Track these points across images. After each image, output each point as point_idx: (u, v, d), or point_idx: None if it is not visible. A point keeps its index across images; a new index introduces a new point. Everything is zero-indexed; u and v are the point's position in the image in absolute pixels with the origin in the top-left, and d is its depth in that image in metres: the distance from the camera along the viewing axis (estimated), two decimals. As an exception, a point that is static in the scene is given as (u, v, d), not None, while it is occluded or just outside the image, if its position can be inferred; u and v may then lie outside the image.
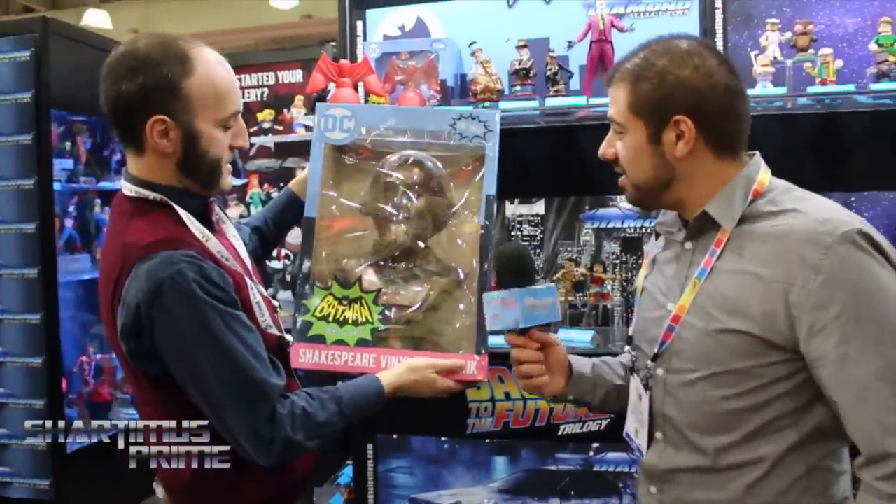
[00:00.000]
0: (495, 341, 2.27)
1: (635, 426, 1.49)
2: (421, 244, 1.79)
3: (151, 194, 1.47)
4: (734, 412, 1.30)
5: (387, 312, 1.74)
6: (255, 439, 1.40)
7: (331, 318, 1.74)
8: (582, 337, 2.37)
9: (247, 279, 1.53)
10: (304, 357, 1.71)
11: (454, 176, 1.83)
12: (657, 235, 1.55)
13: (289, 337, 1.62)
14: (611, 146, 1.43)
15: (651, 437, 1.44)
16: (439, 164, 1.81)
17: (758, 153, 1.42)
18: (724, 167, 1.36)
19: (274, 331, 1.57)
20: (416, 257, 1.79)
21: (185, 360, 1.40)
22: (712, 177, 1.36)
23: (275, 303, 1.66)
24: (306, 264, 1.78)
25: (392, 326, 1.74)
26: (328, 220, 1.82)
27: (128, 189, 1.50)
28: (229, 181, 1.60)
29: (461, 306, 1.75)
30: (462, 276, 1.76)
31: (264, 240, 1.96)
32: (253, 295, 1.52)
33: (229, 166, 1.59)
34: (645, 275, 1.54)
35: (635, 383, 1.50)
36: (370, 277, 1.77)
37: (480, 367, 1.68)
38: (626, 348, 1.65)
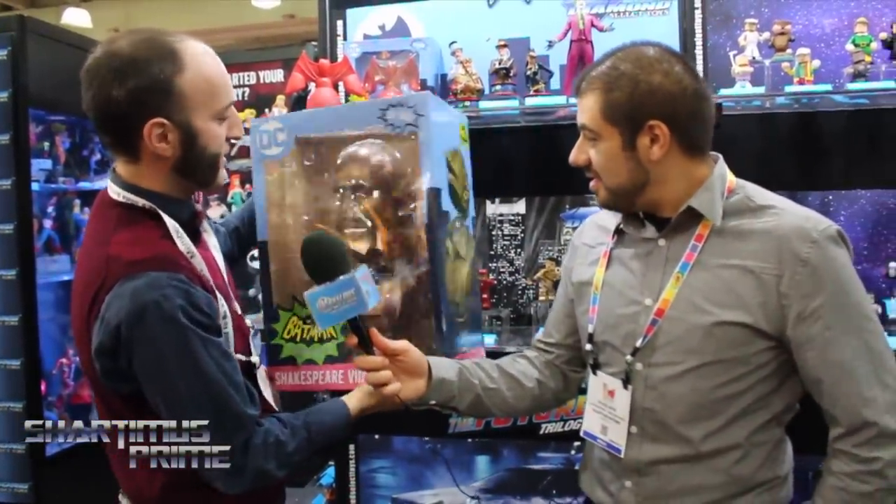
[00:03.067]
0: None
1: (602, 423, 1.50)
2: (367, 247, 1.70)
3: (141, 201, 1.40)
4: (718, 400, 1.38)
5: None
6: (226, 469, 1.35)
7: (297, 339, 1.71)
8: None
9: (220, 298, 1.46)
10: (281, 379, 1.69)
11: (394, 170, 1.71)
12: (617, 233, 1.56)
13: (255, 359, 1.54)
14: (582, 153, 1.46)
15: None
16: (382, 158, 1.69)
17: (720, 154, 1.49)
18: (695, 167, 1.43)
19: (240, 356, 1.48)
20: (369, 262, 1.67)
21: (162, 385, 1.33)
22: (684, 177, 1.42)
23: (248, 321, 1.59)
24: (267, 288, 1.73)
25: None
26: (282, 238, 1.75)
27: (115, 192, 1.42)
28: (224, 175, 1.53)
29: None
30: (411, 277, 1.67)
31: (241, 240, 1.91)
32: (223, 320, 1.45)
33: (224, 159, 1.52)
34: (601, 271, 1.55)
35: (599, 380, 1.51)
36: None
37: None
38: (535, 343, 1.74)
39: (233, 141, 1.52)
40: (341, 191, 1.68)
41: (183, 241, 1.42)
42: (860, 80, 2.17)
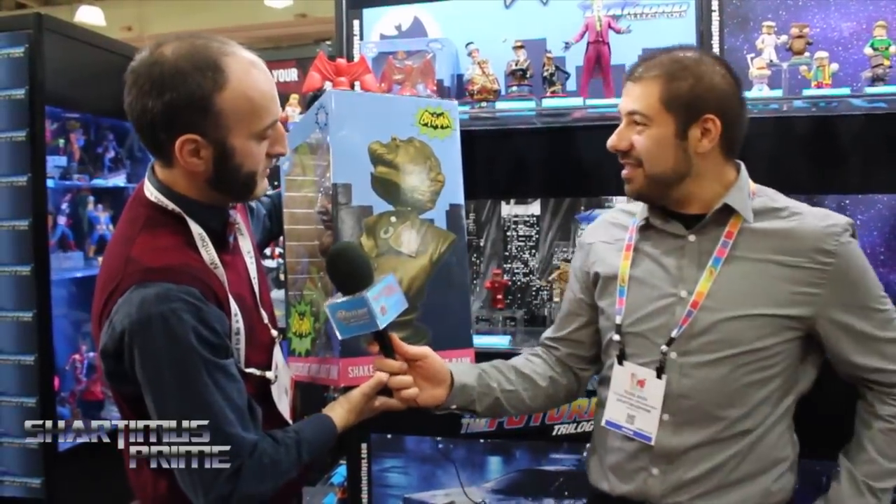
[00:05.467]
0: (483, 342, 2.28)
1: (628, 413, 1.55)
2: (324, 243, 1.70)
3: (171, 205, 1.38)
4: (750, 384, 1.46)
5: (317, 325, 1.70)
6: (209, 492, 1.32)
7: (296, 333, 1.76)
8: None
9: (237, 313, 1.42)
10: (293, 370, 1.72)
11: None
12: (644, 228, 1.59)
13: (270, 375, 1.50)
14: (624, 138, 1.52)
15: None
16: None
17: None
18: (727, 169, 1.53)
19: (254, 370, 1.46)
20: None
21: (158, 400, 1.30)
22: (717, 177, 1.52)
23: (273, 333, 1.56)
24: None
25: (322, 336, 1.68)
26: (294, 241, 1.79)
27: (149, 191, 1.40)
28: (264, 187, 1.47)
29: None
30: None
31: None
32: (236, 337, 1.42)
33: (267, 170, 1.47)
34: (626, 264, 1.59)
35: (626, 371, 1.55)
36: (307, 290, 1.74)
37: (341, 372, 1.58)
38: (542, 341, 1.78)
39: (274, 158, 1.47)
40: (321, 189, 1.68)
41: (207, 251, 1.39)
42: (879, 84, 2.16)
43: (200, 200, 1.41)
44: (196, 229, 1.39)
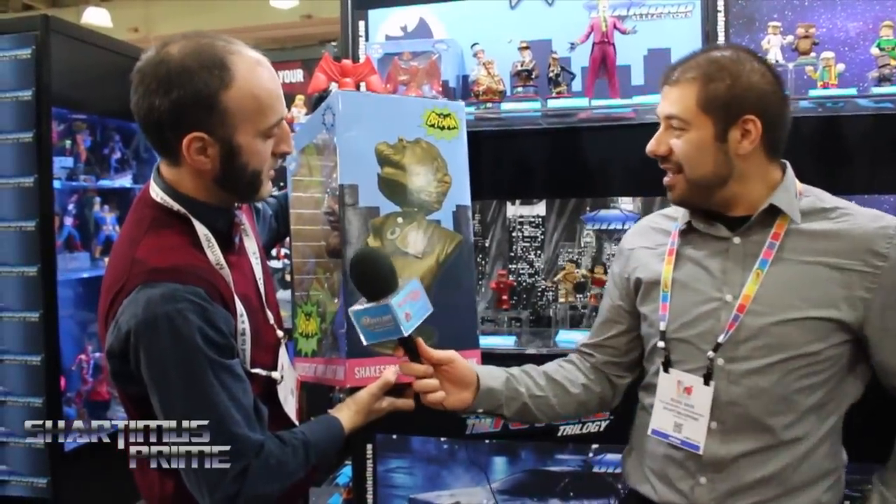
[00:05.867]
0: (489, 342, 2.27)
1: (675, 421, 1.52)
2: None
3: (176, 206, 1.38)
4: (798, 391, 1.42)
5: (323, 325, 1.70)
6: (215, 492, 1.31)
7: (303, 333, 1.77)
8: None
9: (243, 314, 1.42)
10: (299, 370, 1.72)
11: None
12: (686, 232, 1.58)
13: (276, 375, 1.50)
14: (662, 143, 1.50)
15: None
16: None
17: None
18: (771, 169, 1.49)
19: (260, 371, 1.46)
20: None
21: (164, 400, 1.30)
22: (761, 178, 1.48)
23: (279, 333, 1.56)
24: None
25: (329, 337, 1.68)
26: (300, 241, 1.79)
27: (154, 192, 1.41)
28: (269, 188, 1.48)
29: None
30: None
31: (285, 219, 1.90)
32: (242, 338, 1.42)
33: (272, 172, 1.47)
34: (669, 269, 1.56)
35: (672, 378, 1.53)
36: (314, 291, 1.74)
37: (347, 373, 1.58)
38: (579, 347, 1.75)
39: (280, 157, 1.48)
40: (328, 190, 1.68)
41: (213, 251, 1.39)
42: (885, 84, 2.15)
43: (206, 201, 1.41)
44: (202, 230, 1.39)
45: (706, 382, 1.47)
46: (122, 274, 1.33)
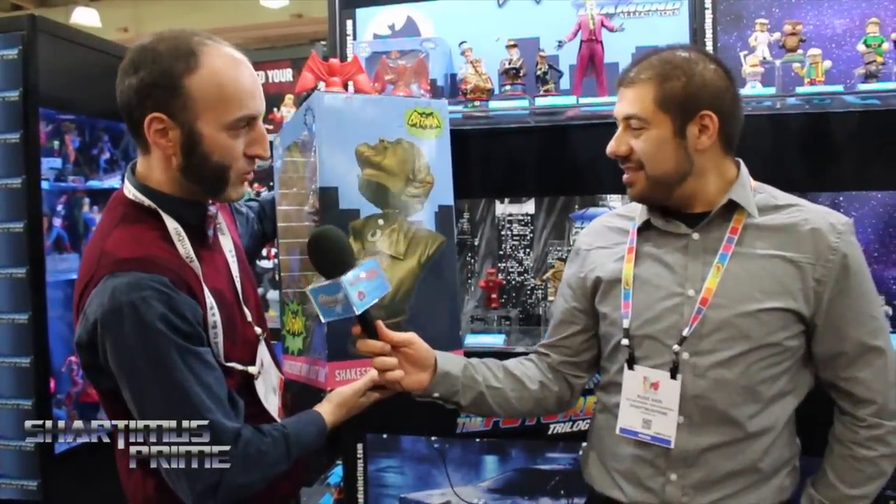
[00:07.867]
0: (478, 341, 2.27)
1: (643, 418, 1.52)
2: None
3: (147, 201, 1.40)
4: (762, 382, 1.46)
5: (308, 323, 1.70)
6: (195, 483, 1.32)
7: (290, 331, 1.77)
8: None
9: (214, 307, 1.42)
10: (287, 368, 1.72)
11: None
12: (644, 229, 1.59)
13: (252, 369, 1.50)
14: (623, 143, 1.52)
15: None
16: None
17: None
18: (728, 165, 1.54)
19: (235, 364, 1.46)
20: None
21: (133, 387, 1.31)
22: (719, 173, 1.53)
23: (257, 330, 1.57)
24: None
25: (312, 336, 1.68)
26: (287, 238, 1.79)
27: (127, 189, 1.44)
28: (241, 192, 1.48)
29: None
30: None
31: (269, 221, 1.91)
32: (214, 331, 1.42)
33: (249, 175, 1.48)
34: (629, 267, 1.57)
35: (638, 375, 1.53)
36: (299, 289, 1.73)
37: (329, 375, 1.59)
38: (537, 348, 1.76)
39: (257, 160, 1.47)
40: (311, 189, 1.67)
41: (183, 245, 1.40)
42: (872, 81, 2.16)
43: (175, 195, 1.43)
44: (171, 224, 1.41)
45: (673, 376, 1.49)
46: (91, 266, 1.36)
